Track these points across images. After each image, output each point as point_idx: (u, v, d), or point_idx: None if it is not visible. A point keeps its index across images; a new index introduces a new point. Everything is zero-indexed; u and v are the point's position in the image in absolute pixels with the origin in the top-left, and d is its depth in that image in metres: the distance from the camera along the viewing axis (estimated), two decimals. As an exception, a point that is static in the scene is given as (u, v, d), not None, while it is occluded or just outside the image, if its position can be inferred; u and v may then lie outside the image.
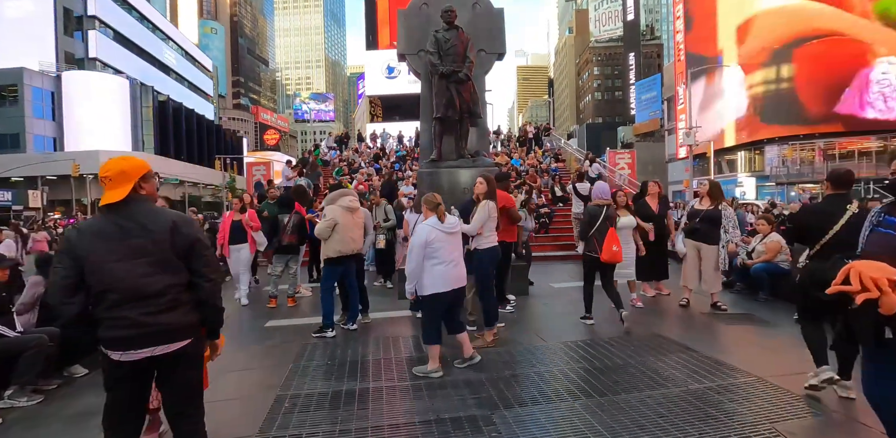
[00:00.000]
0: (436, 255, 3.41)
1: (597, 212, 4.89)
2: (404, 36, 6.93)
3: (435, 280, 3.41)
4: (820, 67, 29.34)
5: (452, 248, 3.52)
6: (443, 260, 3.42)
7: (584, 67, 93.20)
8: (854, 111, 28.54)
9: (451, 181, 6.38)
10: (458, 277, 3.52)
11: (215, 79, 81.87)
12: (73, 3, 42.94)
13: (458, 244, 3.61)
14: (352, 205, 4.58)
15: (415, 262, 3.42)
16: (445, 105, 6.30)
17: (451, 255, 3.48)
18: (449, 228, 3.53)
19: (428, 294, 3.43)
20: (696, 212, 5.51)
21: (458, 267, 3.53)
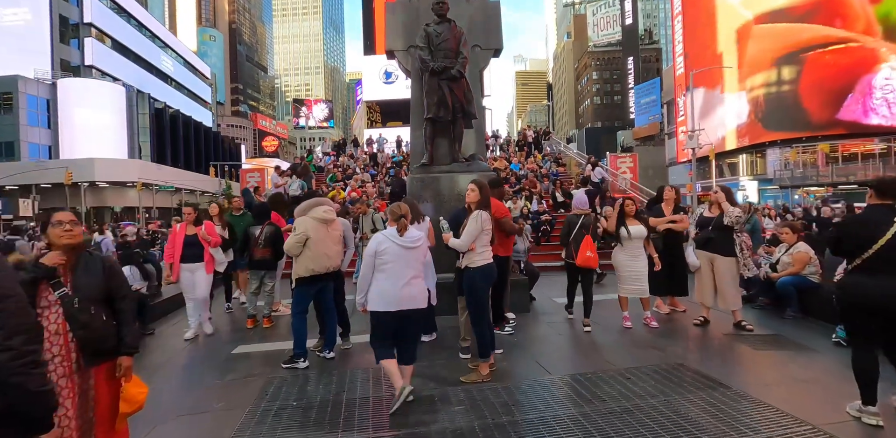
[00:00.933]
0: (384, 269, 3.17)
1: (574, 220, 5.32)
2: (393, 31, 6.41)
3: (374, 296, 3.17)
4: (822, 73, 28.96)
5: (405, 265, 3.18)
6: (390, 275, 3.15)
7: (582, 72, 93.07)
8: (857, 117, 28.08)
9: (444, 187, 5.83)
10: (402, 298, 3.15)
11: (214, 86, 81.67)
12: (70, 11, 42.69)
13: (414, 262, 3.25)
14: (326, 216, 3.99)
15: (363, 272, 3.24)
16: (437, 104, 5.75)
17: (401, 273, 3.17)
18: (405, 242, 3.20)
19: (369, 309, 3.22)
20: (707, 221, 4.98)
21: (408, 287, 3.17)
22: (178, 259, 4.96)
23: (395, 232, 3.23)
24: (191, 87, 64.57)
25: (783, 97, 31.47)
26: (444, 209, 5.71)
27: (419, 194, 5.83)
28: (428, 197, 5.82)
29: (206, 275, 5.06)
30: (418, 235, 3.29)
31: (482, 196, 3.65)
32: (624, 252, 4.97)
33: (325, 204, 4.04)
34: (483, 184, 3.72)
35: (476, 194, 3.66)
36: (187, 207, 5.23)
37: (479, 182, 3.73)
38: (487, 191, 3.73)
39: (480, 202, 3.65)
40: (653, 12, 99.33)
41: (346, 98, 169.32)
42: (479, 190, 3.66)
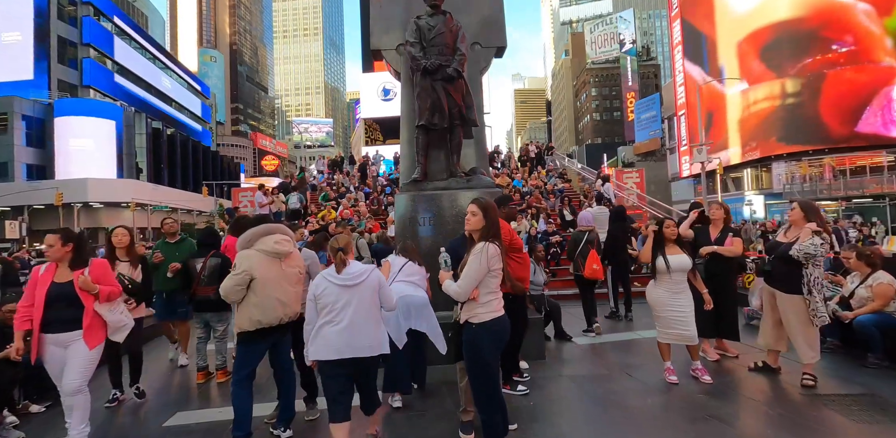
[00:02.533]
0: (326, 313, 2.76)
1: (579, 237, 6.08)
2: (380, 27, 5.52)
3: (318, 344, 2.75)
4: (837, 86, 28.39)
5: (347, 307, 2.75)
6: (333, 319, 2.73)
7: (581, 89, 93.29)
8: (877, 130, 27.42)
9: (440, 207, 4.85)
10: (346, 345, 2.71)
11: (214, 106, 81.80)
12: (69, 32, 42.60)
13: (362, 301, 2.79)
14: (279, 248, 3.00)
15: (307, 319, 2.84)
16: (431, 109, 4.83)
17: (343, 316, 2.73)
18: (343, 280, 2.76)
19: (311, 358, 2.79)
20: (776, 246, 4.00)
21: (357, 333, 2.74)
22: (39, 324, 2.95)
23: (330, 270, 2.81)
24: (190, 107, 64.45)
25: (791, 111, 30.82)
26: (439, 235, 4.73)
27: (409, 216, 4.86)
28: (420, 220, 4.84)
29: (86, 353, 3.00)
30: (359, 270, 2.81)
31: (488, 221, 2.66)
32: (662, 287, 3.96)
33: (277, 232, 3.05)
34: (488, 205, 2.72)
35: (479, 219, 2.65)
36: (50, 236, 3.18)
37: (482, 201, 2.74)
38: (495, 213, 2.72)
39: (486, 229, 2.66)
40: (649, 30, 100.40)
41: (346, 117, 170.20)
42: (482, 213, 2.66)
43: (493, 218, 2.68)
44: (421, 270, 3.93)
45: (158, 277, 4.69)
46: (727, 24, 35.61)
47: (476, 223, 2.67)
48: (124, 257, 4.12)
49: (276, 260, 2.98)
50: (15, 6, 39.74)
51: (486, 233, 2.65)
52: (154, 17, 72.97)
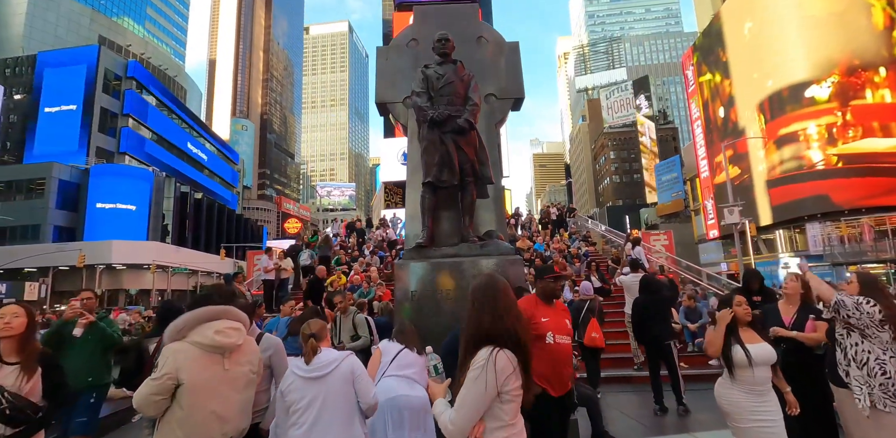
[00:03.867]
0: (292, 413, 2.33)
1: (580, 305, 6.16)
2: (385, 79, 5.12)
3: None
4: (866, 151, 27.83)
5: (311, 402, 2.30)
6: (296, 422, 2.30)
7: (599, 152, 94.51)
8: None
9: (448, 280, 4.08)
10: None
11: (242, 171, 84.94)
12: (112, 103, 45.47)
13: (331, 396, 2.34)
14: (221, 340, 2.17)
15: (274, 420, 2.45)
16: (439, 164, 4.22)
17: (308, 415, 2.29)
18: (308, 371, 2.38)
19: None
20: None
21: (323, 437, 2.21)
22: None
23: (298, 362, 2.47)
24: (220, 173, 66.87)
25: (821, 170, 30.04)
26: (446, 315, 3.92)
27: (410, 290, 4.08)
28: (423, 294, 4.05)
29: None
30: (330, 358, 2.43)
31: (491, 311, 1.78)
32: (741, 387, 2.98)
33: (223, 316, 2.28)
34: (500, 286, 1.85)
35: (485, 314, 1.78)
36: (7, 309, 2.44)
37: (490, 281, 1.88)
38: (509, 300, 1.83)
39: (489, 325, 1.76)
40: (664, 96, 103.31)
41: (368, 181, 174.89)
42: (486, 302, 1.80)
43: (504, 305, 1.82)
44: (420, 360, 3.09)
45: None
46: (745, 88, 35.97)
47: (482, 322, 1.78)
48: (12, 357, 2.40)
49: (217, 356, 2.19)
50: (72, 80, 42.98)
51: (490, 332, 1.77)
52: (192, 90, 78.17)
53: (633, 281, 7.08)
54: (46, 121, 43.54)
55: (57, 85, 43.40)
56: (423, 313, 4.00)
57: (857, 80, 29.51)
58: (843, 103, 29.64)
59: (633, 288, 7.11)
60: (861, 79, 29.41)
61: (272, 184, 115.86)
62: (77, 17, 58.87)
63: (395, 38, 5.33)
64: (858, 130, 29.15)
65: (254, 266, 17.44)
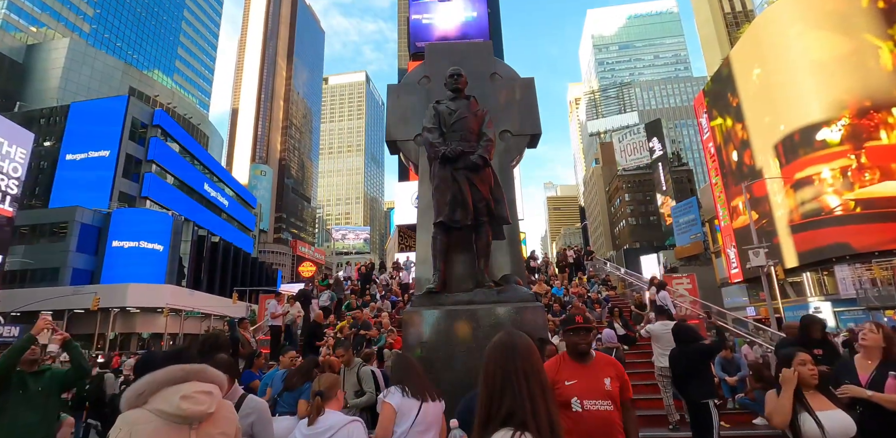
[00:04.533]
0: None
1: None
2: (397, 117, 4.96)
3: None
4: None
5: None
6: None
7: (614, 194, 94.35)
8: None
9: (462, 328, 3.69)
10: None
11: (259, 215, 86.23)
12: (137, 150, 47.08)
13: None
14: (188, 408, 1.75)
15: None
16: (451, 203, 3.94)
17: None
18: (310, 433, 2.17)
19: None
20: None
21: None
22: None
23: (300, 422, 2.36)
24: (237, 217, 67.86)
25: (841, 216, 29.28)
26: (460, 372, 3.50)
27: (420, 341, 3.69)
28: (435, 347, 3.65)
29: None
30: (331, 423, 2.24)
31: (517, 389, 1.37)
32: (813, 463, 2.47)
33: (196, 377, 1.89)
34: (520, 352, 1.46)
35: (505, 388, 1.38)
36: None
37: (509, 344, 1.49)
38: (534, 369, 1.43)
39: (511, 406, 1.33)
40: (677, 138, 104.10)
41: (383, 225, 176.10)
42: (505, 374, 1.41)
43: (527, 375, 1.39)
44: (439, 410, 2.69)
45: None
46: (759, 132, 35.94)
47: (486, 389, 1.41)
48: None
49: (184, 427, 1.81)
50: (100, 129, 44.93)
51: (510, 412, 1.33)
52: (215, 136, 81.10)
53: (663, 330, 6.48)
54: (74, 167, 45.09)
55: (86, 133, 45.28)
56: (434, 367, 3.58)
57: (869, 122, 29.26)
58: (856, 146, 29.27)
59: (662, 337, 6.55)
60: (874, 121, 29.16)
61: (288, 228, 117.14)
62: (110, 71, 62.31)
63: (407, 76, 5.23)
64: (875, 173, 28.56)
65: (265, 310, 17.11)
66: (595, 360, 2.60)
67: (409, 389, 2.71)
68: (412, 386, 2.72)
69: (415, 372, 2.81)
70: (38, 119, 48.62)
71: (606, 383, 2.49)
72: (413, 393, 2.69)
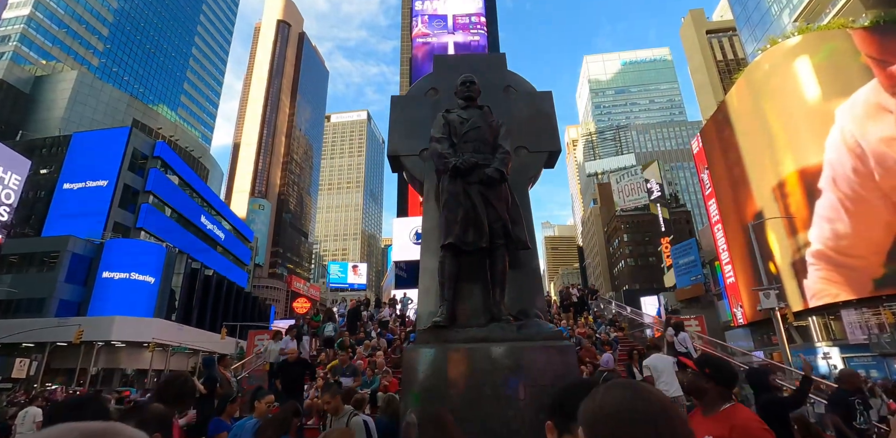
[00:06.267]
0: None
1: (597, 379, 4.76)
2: (400, 130, 4.49)
3: None
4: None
5: None
6: None
7: (613, 235, 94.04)
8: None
9: (476, 371, 3.04)
10: None
11: (255, 249, 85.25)
12: (135, 181, 46.83)
13: None
14: None
15: None
16: (462, 222, 3.38)
17: None
18: None
19: None
20: None
21: None
22: None
23: None
24: (233, 251, 66.93)
25: (849, 255, 28.73)
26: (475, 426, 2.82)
27: (426, 385, 3.02)
28: (441, 394, 2.98)
29: None
30: None
31: None
32: None
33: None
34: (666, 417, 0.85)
35: None
36: None
37: (647, 406, 0.87)
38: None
39: None
40: (673, 180, 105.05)
41: (380, 262, 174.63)
42: None
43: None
44: None
45: None
46: (758, 174, 36.00)
47: None
48: None
49: None
50: (100, 159, 44.81)
51: None
52: (215, 170, 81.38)
53: (662, 362, 6.23)
54: (71, 196, 44.66)
55: (86, 163, 45.14)
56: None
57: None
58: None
59: (664, 371, 6.25)
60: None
61: (284, 263, 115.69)
62: (115, 103, 63.18)
63: (412, 88, 4.81)
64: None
65: (254, 346, 16.16)
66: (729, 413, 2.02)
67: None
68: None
69: (455, 432, 2.11)
70: (40, 148, 48.70)
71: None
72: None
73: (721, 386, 2.05)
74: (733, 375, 2.18)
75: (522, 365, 2.89)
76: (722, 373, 2.13)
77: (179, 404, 2.89)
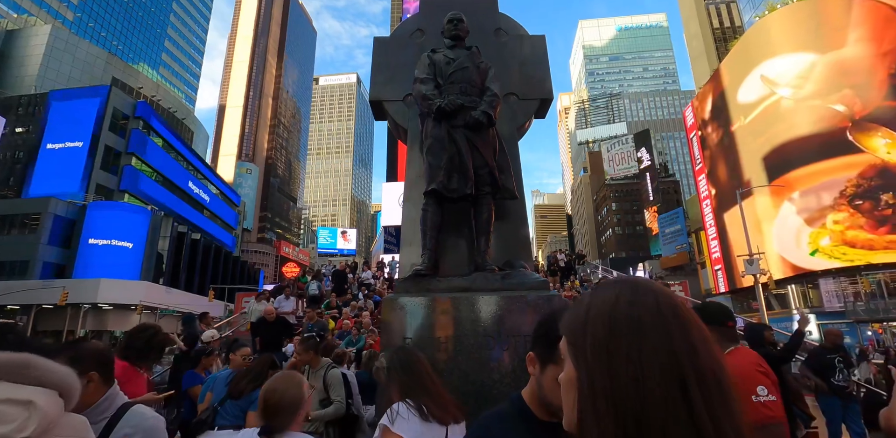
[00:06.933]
0: None
1: None
2: (382, 74, 4.21)
3: None
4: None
5: None
6: None
7: (602, 203, 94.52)
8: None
9: (458, 323, 2.94)
10: None
11: (243, 214, 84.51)
12: (117, 142, 45.53)
13: None
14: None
15: None
16: (447, 167, 3.19)
17: None
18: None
19: None
20: None
21: None
22: None
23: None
24: (220, 215, 66.22)
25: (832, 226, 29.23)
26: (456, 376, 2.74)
27: (402, 338, 2.90)
28: (421, 344, 2.87)
29: None
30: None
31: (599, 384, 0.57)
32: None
33: (9, 375, 1.12)
34: (684, 319, 0.61)
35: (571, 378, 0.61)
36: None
37: (657, 298, 0.62)
38: (722, 361, 0.60)
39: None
40: (663, 150, 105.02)
41: (369, 228, 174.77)
42: (652, 367, 0.57)
43: (713, 368, 0.57)
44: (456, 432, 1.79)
45: None
46: (748, 142, 35.93)
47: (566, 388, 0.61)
48: None
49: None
50: (79, 118, 43.28)
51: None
52: (200, 132, 79.23)
53: None
54: (50, 156, 43.39)
55: (64, 122, 43.64)
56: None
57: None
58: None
59: None
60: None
61: (273, 228, 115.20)
62: (93, 60, 60.59)
63: (397, 29, 4.49)
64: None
65: (241, 308, 16.19)
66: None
67: (429, 407, 1.81)
68: (430, 401, 1.84)
69: (427, 377, 1.94)
70: (15, 107, 46.90)
71: None
72: (435, 413, 1.80)
73: (714, 326, 1.95)
74: (720, 312, 2.10)
75: (507, 315, 2.78)
76: (707, 313, 2.05)
77: (147, 357, 2.75)
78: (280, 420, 1.40)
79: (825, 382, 5.32)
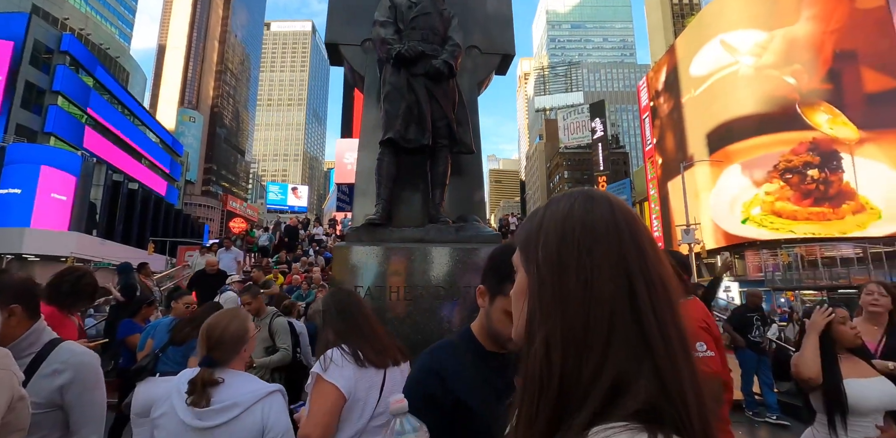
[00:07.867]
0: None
1: None
2: (340, 16, 3.97)
3: None
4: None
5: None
6: None
7: (554, 170, 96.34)
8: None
9: (409, 273, 2.95)
10: None
11: (186, 164, 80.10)
12: (39, 78, 41.42)
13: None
14: None
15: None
16: (405, 117, 3.11)
17: None
18: (196, 419, 1.35)
19: None
20: None
21: None
22: None
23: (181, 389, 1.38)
24: (160, 164, 62.50)
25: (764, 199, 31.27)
26: (407, 327, 2.78)
27: (354, 285, 2.90)
28: (373, 295, 2.88)
29: None
30: (238, 395, 1.36)
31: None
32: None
33: None
34: (631, 225, 0.59)
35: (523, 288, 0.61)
36: None
37: (602, 205, 0.60)
38: (670, 271, 0.60)
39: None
40: (616, 122, 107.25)
41: (322, 185, 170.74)
42: (600, 270, 0.55)
43: (661, 274, 0.58)
44: (397, 376, 1.77)
45: None
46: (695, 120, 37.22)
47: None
48: None
49: None
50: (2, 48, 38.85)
51: (613, 377, 0.51)
52: (136, 73, 73.18)
53: None
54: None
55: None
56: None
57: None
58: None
59: None
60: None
61: (219, 181, 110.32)
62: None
63: (359, -32, 4.20)
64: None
65: (184, 262, 15.66)
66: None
67: (364, 352, 1.73)
68: (367, 345, 1.75)
69: (364, 320, 1.84)
70: (-85, 31, 41.34)
71: None
72: (371, 358, 1.73)
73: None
74: (681, 264, 2.19)
75: (460, 266, 2.82)
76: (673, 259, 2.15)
77: (75, 303, 2.62)
78: (222, 353, 1.36)
79: (743, 338, 5.85)
